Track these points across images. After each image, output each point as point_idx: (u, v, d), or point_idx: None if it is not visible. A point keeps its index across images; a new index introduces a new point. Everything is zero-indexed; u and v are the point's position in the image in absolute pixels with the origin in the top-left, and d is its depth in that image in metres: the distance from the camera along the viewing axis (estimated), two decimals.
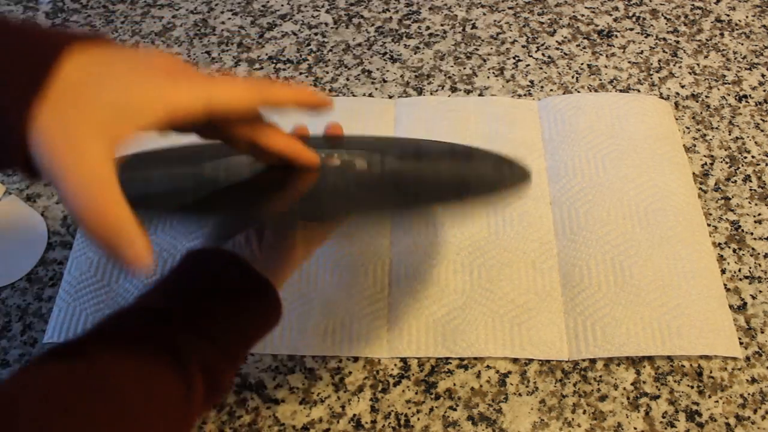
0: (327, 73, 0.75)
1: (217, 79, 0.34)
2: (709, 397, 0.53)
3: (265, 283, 0.45)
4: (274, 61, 0.77)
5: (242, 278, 0.44)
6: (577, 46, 0.77)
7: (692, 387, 0.54)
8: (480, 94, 0.72)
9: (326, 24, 0.80)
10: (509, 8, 0.81)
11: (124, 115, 0.31)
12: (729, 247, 0.61)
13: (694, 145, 0.68)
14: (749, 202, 0.64)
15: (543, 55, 0.76)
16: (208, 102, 0.33)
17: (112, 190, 0.30)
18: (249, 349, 0.45)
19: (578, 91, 0.72)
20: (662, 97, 0.71)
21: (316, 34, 0.79)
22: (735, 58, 0.75)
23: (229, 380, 0.43)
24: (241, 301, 0.44)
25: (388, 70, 0.75)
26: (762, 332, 0.56)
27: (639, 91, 0.72)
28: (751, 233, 0.62)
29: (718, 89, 0.72)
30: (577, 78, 0.73)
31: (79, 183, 0.29)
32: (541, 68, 0.75)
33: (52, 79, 0.30)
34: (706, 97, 0.72)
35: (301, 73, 0.75)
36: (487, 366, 0.55)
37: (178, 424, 0.40)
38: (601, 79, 0.73)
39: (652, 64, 0.75)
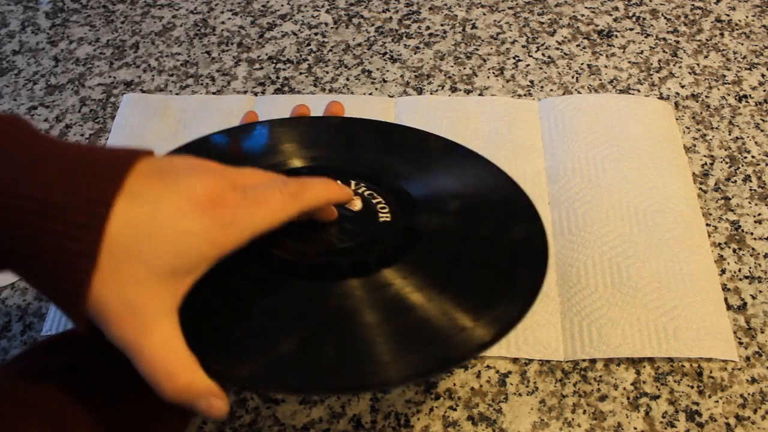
0: (327, 73, 0.75)
1: (257, 200, 0.34)
2: (709, 397, 0.53)
3: None
4: (274, 61, 0.77)
5: None
6: (577, 46, 0.77)
7: (692, 387, 0.54)
8: (480, 94, 0.72)
9: (326, 24, 0.81)
10: (509, 8, 0.81)
11: (180, 273, 0.31)
12: (729, 247, 0.61)
13: (694, 145, 0.68)
14: (749, 202, 0.64)
15: (543, 55, 0.76)
16: (253, 234, 0.34)
17: (181, 360, 0.32)
18: None
19: (578, 91, 0.72)
20: (662, 97, 0.71)
21: (316, 34, 0.80)
22: (735, 58, 0.75)
23: None
24: None
25: (388, 70, 0.75)
26: (762, 332, 0.56)
27: (639, 91, 0.72)
28: (751, 233, 0.62)
29: (718, 89, 0.72)
30: (577, 78, 0.73)
31: (150, 359, 0.31)
32: (541, 68, 0.75)
33: (102, 242, 0.29)
34: (706, 97, 0.72)
35: (301, 73, 0.75)
36: (487, 366, 0.55)
37: (177, 416, 0.40)
38: (601, 79, 0.73)
39: (652, 64, 0.75)
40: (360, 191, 0.45)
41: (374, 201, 0.45)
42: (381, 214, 0.44)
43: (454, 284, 0.41)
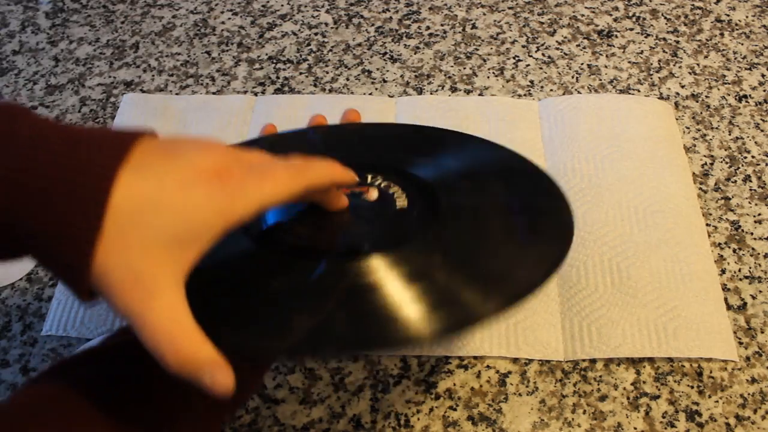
0: (327, 73, 0.75)
1: (263, 174, 0.34)
2: (709, 397, 0.53)
3: None
4: (274, 61, 0.77)
5: None
6: (577, 46, 0.77)
7: (692, 387, 0.54)
8: (480, 94, 0.72)
9: (326, 24, 0.81)
10: (509, 8, 0.81)
11: (186, 242, 0.31)
12: (729, 247, 0.61)
13: (694, 145, 0.68)
14: (749, 202, 0.64)
15: (543, 55, 0.76)
16: (260, 207, 0.34)
17: (186, 329, 0.31)
18: None
19: (578, 91, 0.72)
20: (662, 97, 0.71)
21: (316, 34, 0.80)
22: (735, 58, 0.75)
23: (257, 382, 0.43)
24: None
25: (388, 70, 0.75)
26: (762, 332, 0.56)
27: (639, 91, 0.72)
28: (751, 233, 0.62)
29: (718, 89, 0.72)
30: (577, 78, 0.73)
31: (153, 328, 0.30)
32: (541, 68, 0.75)
33: (106, 212, 0.29)
34: (706, 97, 0.72)
35: (301, 73, 0.75)
36: (487, 366, 0.55)
37: (208, 427, 0.40)
38: (601, 79, 0.73)
39: (652, 64, 0.75)
40: (376, 183, 0.45)
41: (391, 191, 0.44)
42: (398, 201, 0.44)
43: (485, 251, 0.41)
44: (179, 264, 0.31)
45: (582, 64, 0.75)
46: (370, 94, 0.73)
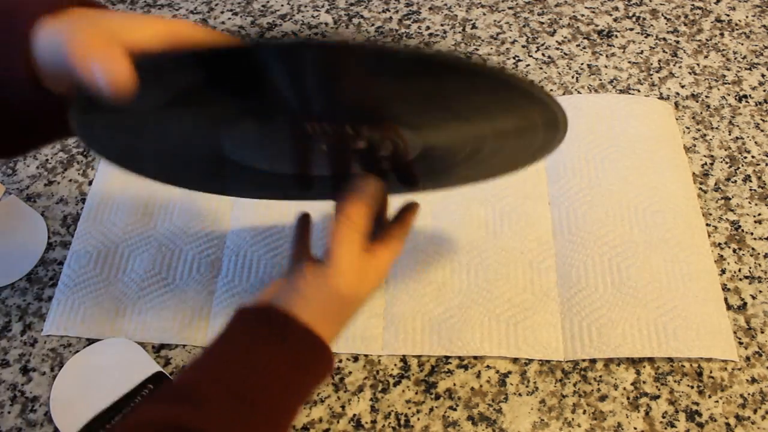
0: None
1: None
2: (709, 397, 0.53)
3: (318, 342, 0.44)
4: None
5: (294, 340, 0.43)
6: (577, 46, 0.77)
7: (692, 387, 0.54)
8: None
9: (326, 24, 0.80)
10: (509, 8, 0.81)
11: (128, 26, 0.35)
12: (729, 247, 0.61)
13: (694, 145, 0.68)
14: (749, 202, 0.64)
15: (543, 55, 0.76)
16: (203, 34, 0.38)
17: (108, 44, 0.34)
18: (300, 408, 0.44)
19: (578, 91, 0.72)
20: (662, 97, 0.71)
21: (316, 34, 0.79)
22: (735, 58, 0.75)
23: None
24: (296, 366, 0.43)
25: None
26: (762, 332, 0.56)
27: (639, 91, 0.72)
28: (751, 233, 0.62)
29: (718, 89, 0.72)
30: (577, 78, 0.73)
31: (77, 43, 0.34)
32: (541, 68, 0.75)
33: (62, 10, 0.36)
34: (706, 97, 0.71)
35: None
36: (487, 366, 0.55)
37: None
38: (601, 79, 0.73)
39: (652, 64, 0.75)
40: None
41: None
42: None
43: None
44: (124, 42, 0.34)
45: (582, 64, 0.75)
46: None
